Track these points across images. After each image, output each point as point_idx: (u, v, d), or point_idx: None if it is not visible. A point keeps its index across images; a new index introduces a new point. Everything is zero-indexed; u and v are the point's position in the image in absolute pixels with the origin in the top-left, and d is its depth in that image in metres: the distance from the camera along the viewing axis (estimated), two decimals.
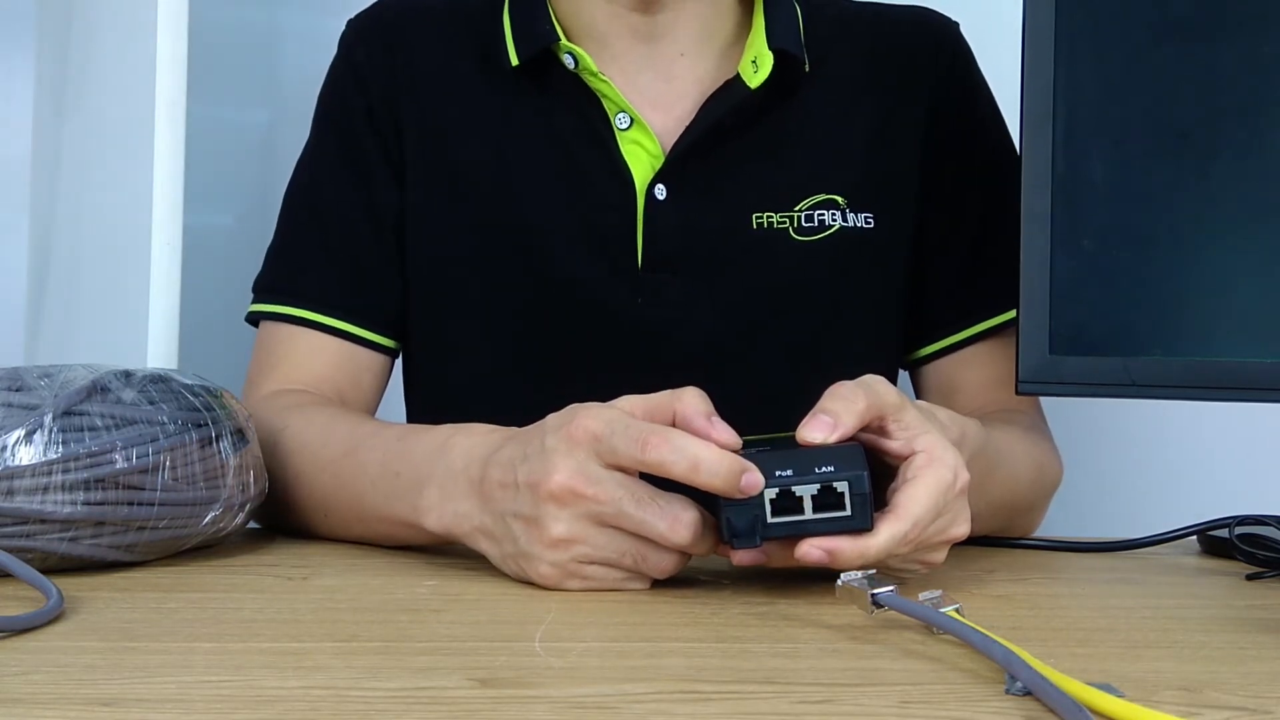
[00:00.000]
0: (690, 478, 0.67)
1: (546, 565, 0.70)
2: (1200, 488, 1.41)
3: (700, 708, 0.51)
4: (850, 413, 0.70)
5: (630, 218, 0.99)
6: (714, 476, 0.67)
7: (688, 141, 0.98)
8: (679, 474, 0.67)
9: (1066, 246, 0.88)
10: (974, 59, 1.08)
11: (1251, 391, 0.89)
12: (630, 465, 0.69)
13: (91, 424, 0.72)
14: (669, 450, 0.67)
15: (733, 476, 0.67)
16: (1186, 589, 0.81)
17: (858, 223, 1.01)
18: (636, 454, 0.68)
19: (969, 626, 0.58)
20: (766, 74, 0.98)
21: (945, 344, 1.05)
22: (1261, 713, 0.52)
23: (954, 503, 0.71)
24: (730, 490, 0.67)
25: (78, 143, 1.26)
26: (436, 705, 0.50)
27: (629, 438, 0.68)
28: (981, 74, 1.08)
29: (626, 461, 0.69)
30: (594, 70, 0.97)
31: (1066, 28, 0.89)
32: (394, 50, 1.04)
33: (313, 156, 1.06)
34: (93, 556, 0.73)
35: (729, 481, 0.67)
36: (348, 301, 1.02)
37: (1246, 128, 0.89)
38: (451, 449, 0.76)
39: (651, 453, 0.67)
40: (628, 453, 0.68)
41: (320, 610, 0.67)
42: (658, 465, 0.68)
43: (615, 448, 0.68)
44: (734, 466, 0.67)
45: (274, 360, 1.01)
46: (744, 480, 0.67)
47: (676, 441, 0.67)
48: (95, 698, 0.50)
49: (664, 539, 0.69)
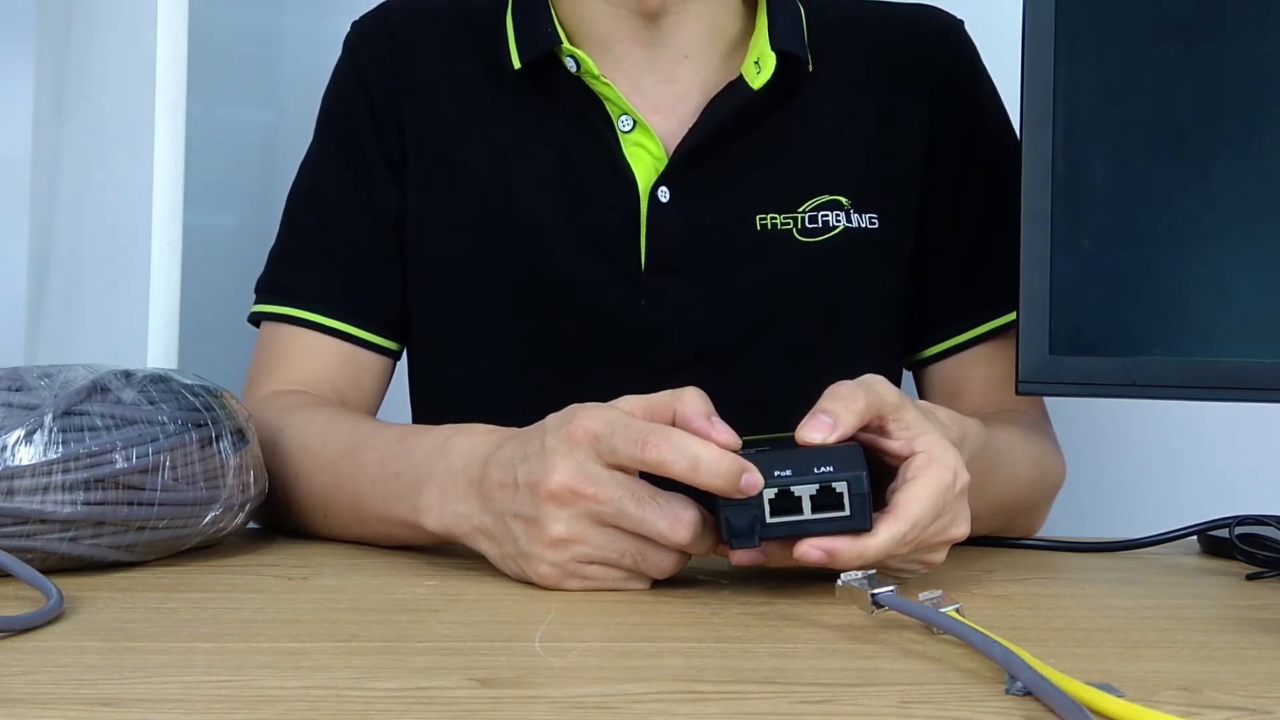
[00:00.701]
0: (690, 477, 0.67)
1: (546, 565, 0.70)
2: (1200, 488, 1.41)
3: (700, 708, 0.51)
4: (849, 412, 0.70)
5: (633, 220, 0.98)
6: (714, 476, 0.67)
7: (691, 143, 0.98)
8: (679, 473, 0.67)
9: (1066, 246, 0.88)
10: (978, 57, 1.07)
11: (1251, 391, 0.89)
12: (630, 464, 0.69)
13: (91, 424, 0.72)
14: (669, 449, 0.67)
15: (732, 476, 0.67)
16: (1186, 589, 0.81)
17: (862, 223, 1.01)
18: (636, 453, 0.68)
19: (969, 626, 0.58)
20: (769, 75, 0.98)
21: (949, 344, 1.05)
22: (1261, 713, 0.52)
23: (954, 503, 0.71)
24: (730, 490, 0.67)
25: (78, 143, 1.26)
26: (436, 705, 0.50)
27: (628, 437, 0.68)
28: (986, 72, 1.08)
29: (626, 461, 0.69)
30: (595, 73, 0.97)
31: (1066, 28, 0.89)
32: (397, 52, 1.04)
33: (316, 158, 1.07)
34: (93, 556, 0.73)
35: (729, 481, 0.67)
36: (349, 303, 1.02)
37: (1246, 128, 0.89)
38: (452, 449, 0.76)
39: (651, 452, 0.67)
40: (627, 452, 0.68)
41: (320, 610, 0.67)
42: (657, 464, 0.68)
43: (615, 447, 0.68)
44: (733, 466, 0.67)
45: (274, 361, 1.02)
46: (743, 480, 0.67)
47: (676, 440, 0.67)
48: (95, 698, 0.50)
49: (664, 538, 0.69)
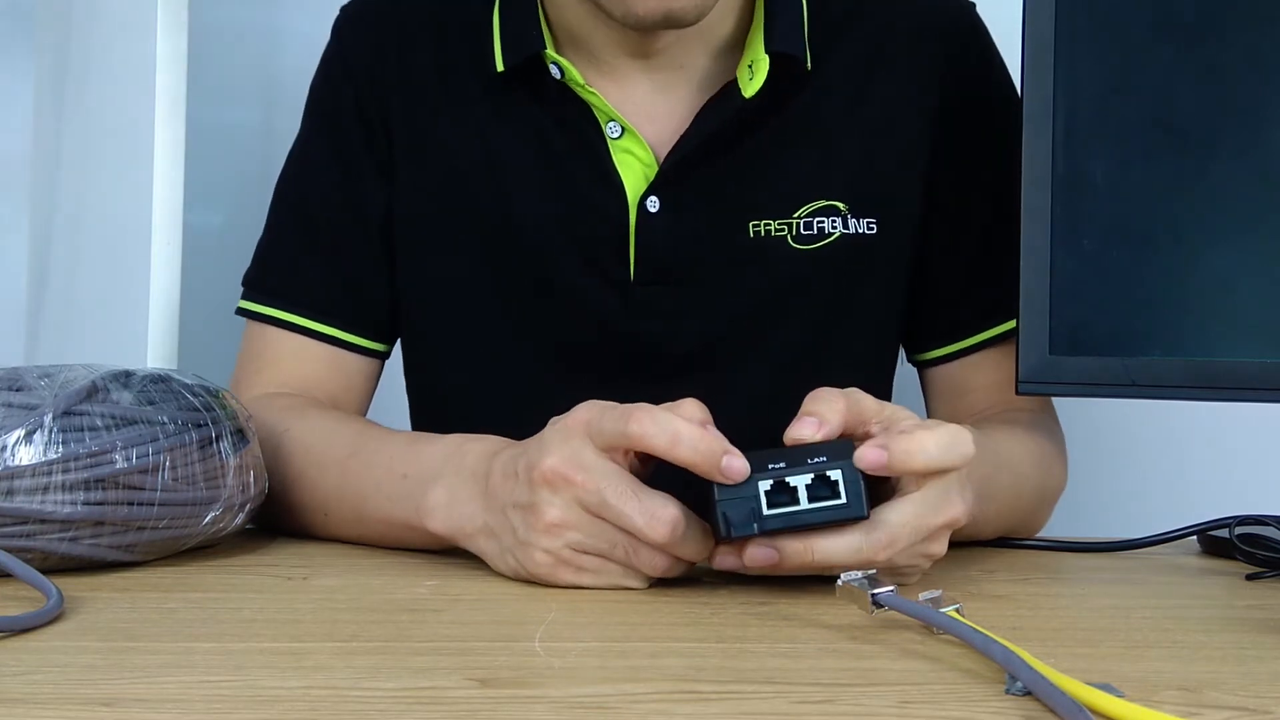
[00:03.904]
0: (670, 451, 0.68)
1: (540, 552, 0.71)
2: (1200, 488, 1.41)
3: (700, 708, 0.51)
4: (834, 411, 0.71)
5: (622, 229, 0.97)
6: (693, 452, 0.68)
7: (680, 154, 0.95)
8: (659, 446, 0.68)
9: (1066, 246, 0.88)
10: (990, 43, 1.03)
11: (1251, 391, 0.89)
12: (617, 442, 0.70)
13: (91, 424, 0.72)
14: (650, 423, 0.69)
15: (712, 455, 0.68)
16: (1186, 589, 0.80)
17: (860, 229, 0.98)
18: (621, 428, 0.69)
19: (969, 626, 0.58)
20: (762, 81, 0.94)
21: (956, 348, 1.03)
22: (1261, 713, 0.52)
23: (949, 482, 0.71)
24: (711, 470, 0.68)
25: (78, 143, 1.26)
26: (436, 705, 0.51)
27: (615, 415, 0.70)
28: (998, 58, 1.03)
29: (613, 438, 0.70)
30: (580, 82, 0.95)
31: (1066, 28, 0.89)
32: (385, 43, 1.02)
33: (302, 149, 1.05)
34: (93, 556, 0.73)
35: (709, 459, 0.68)
36: (336, 306, 1.01)
37: (1246, 127, 0.88)
38: (466, 452, 0.78)
39: (634, 425, 0.69)
40: (614, 429, 0.70)
41: (320, 610, 0.67)
42: (639, 438, 0.69)
43: (603, 428, 0.70)
44: (713, 444, 0.68)
45: (262, 363, 1.01)
46: (724, 461, 0.68)
47: (658, 415, 0.69)
48: (95, 698, 0.50)
49: (640, 534, 0.70)
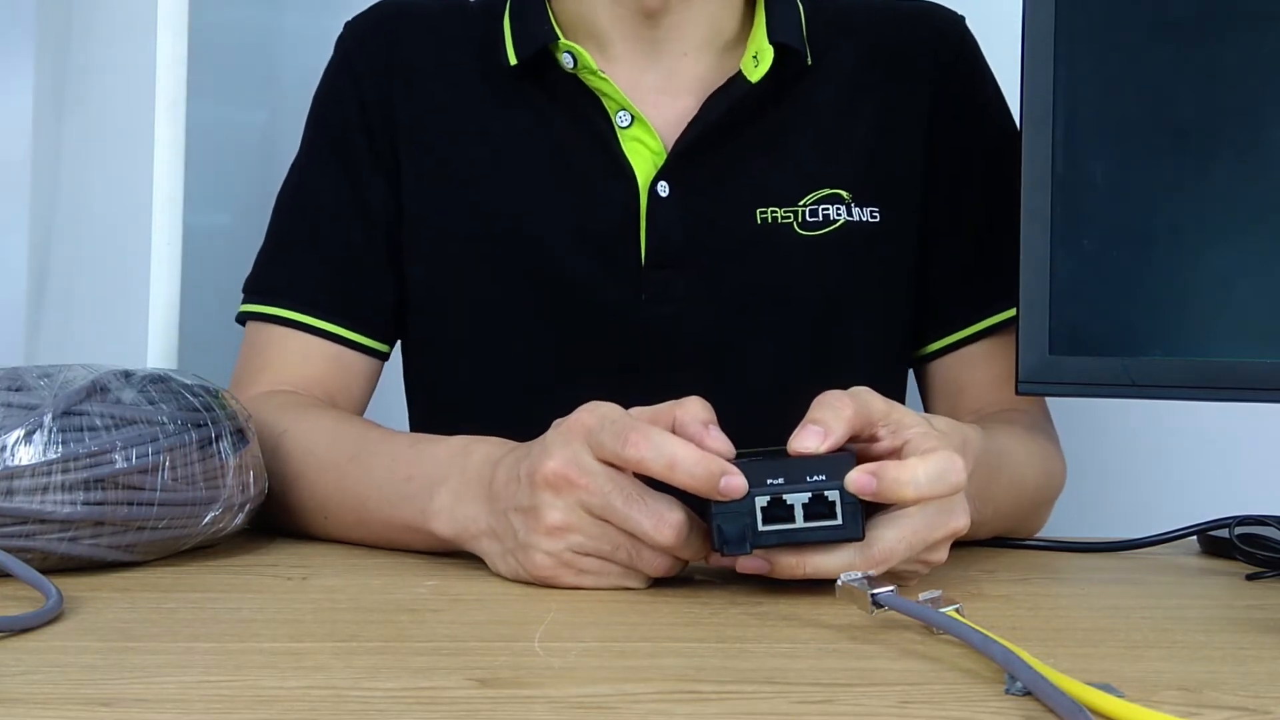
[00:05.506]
0: (667, 476, 0.68)
1: (542, 554, 0.71)
2: (1200, 488, 1.41)
3: (700, 708, 0.51)
4: (839, 420, 0.70)
5: (633, 215, 0.98)
6: (691, 476, 0.67)
7: (690, 138, 0.98)
8: (657, 471, 0.68)
9: (1066, 246, 0.88)
10: (979, 52, 1.07)
11: (1251, 391, 0.89)
12: (614, 460, 0.70)
13: (91, 424, 0.72)
14: (647, 447, 0.68)
15: (711, 478, 0.67)
16: (1186, 589, 0.81)
17: (863, 217, 1.01)
18: (619, 449, 0.69)
19: (969, 626, 0.58)
20: (767, 68, 0.98)
21: (950, 340, 1.04)
22: (1261, 713, 0.52)
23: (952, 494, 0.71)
24: (709, 491, 0.67)
25: (78, 143, 1.26)
26: (436, 705, 0.51)
27: (614, 432, 0.69)
28: (987, 68, 1.07)
29: (610, 456, 0.70)
30: (593, 68, 0.97)
31: (1066, 28, 0.89)
32: (390, 50, 1.04)
33: (306, 157, 1.06)
34: (93, 556, 0.73)
35: (707, 482, 0.67)
36: (338, 304, 1.02)
37: (1246, 128, 0.89)
38: (471, 454, 0.78)
39: (630, 449, 0.68)
40: (611, 447, 0.69)
41: (320, 610, 0.67)
42: (637, 462, 0.69)
43: (602, 442, 0.70)
44: (711, 468, 0.67)
45: (261, 362, 1.01)
46: (723, 483, 0.67)
47: (655, 439, 0.68)
48: (95, 698, 0.50)
49: (648, 537, 0.70)
